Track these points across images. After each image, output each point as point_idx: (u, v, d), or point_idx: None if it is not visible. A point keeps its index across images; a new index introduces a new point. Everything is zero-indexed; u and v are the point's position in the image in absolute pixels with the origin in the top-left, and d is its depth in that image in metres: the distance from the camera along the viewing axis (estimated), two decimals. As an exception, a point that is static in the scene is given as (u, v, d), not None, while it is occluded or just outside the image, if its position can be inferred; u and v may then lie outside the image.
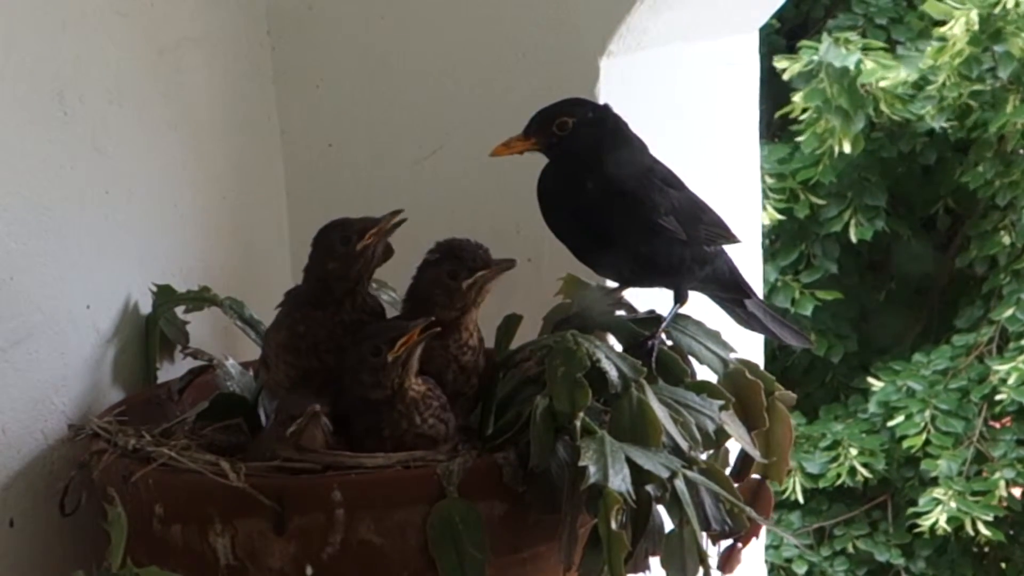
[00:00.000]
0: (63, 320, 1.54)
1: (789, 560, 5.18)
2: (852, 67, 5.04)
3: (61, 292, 1.53)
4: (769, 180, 5.24)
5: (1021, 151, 5.18)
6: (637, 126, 1.77)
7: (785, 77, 5.13)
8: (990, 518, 4.95)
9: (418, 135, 1.80)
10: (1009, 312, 5.15)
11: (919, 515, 5.02)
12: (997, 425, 5.21)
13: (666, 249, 1.56)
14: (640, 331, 1.55)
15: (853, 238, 5.32)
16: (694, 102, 1.92)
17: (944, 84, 5.12)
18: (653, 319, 1.58)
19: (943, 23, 5.05)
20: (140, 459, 1.39)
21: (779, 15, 5.16)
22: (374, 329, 1.43)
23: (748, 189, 2.04)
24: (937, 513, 4.94)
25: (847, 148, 5.10)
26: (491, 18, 1.75)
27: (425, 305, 1.47)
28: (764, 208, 4.93)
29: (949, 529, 4.95)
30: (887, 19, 5.62)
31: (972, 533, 4.95)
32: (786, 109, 5.22)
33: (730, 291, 1.67)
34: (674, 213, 1.56)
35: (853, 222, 5.33)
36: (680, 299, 1.59)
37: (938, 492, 4.99)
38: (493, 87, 1.76)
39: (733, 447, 1.51)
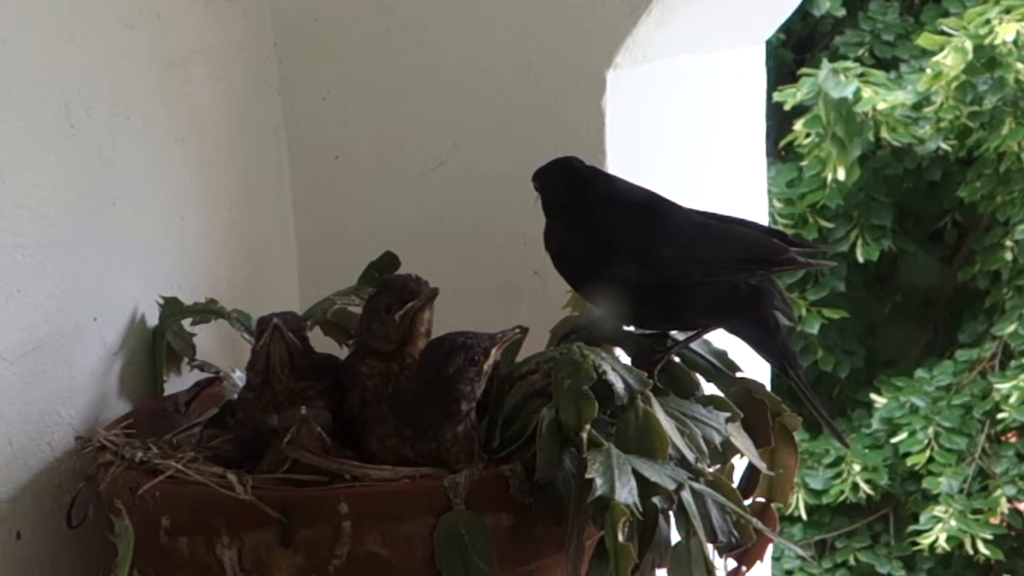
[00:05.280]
0: (70, 332, 1.54)
1: (790, 572, 5.18)
2: (850, 96, 5.07)
3: (68, 304, 1.53)
4: (778, 204, 5.27)
5: (1017, 168, 5.20)
6: (643, 138, 1.77)
7: (787, 108, 5.16)
8: (990, 536, 4.96)
9: (425, 147, 1.80)
10: (1011, 328, 5.16)
11: (919, 533, 5.02)
12: (1002, 439, 5.22)
13: (639, 301, 1.55)
14: (647, 344, 1.56)
15: (860, 258, 5.33)
16: (701, 114, 1.92)
17: (941, 106, 5.15)
18: (661, 335, 1.58)
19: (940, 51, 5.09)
20: (147, 471, 1.39)
21: (786, 28, 5.18)
22: (464, 339, 1.42)
23: (755, 201, 2.04)
24: (937, 531, 4.95)
25: (842, 175, 5.13)
26: (497, 30, 1.75)
27: (368, 339, 1.50)
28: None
29: (949, 548, 4.95)
30: (894, 35, 5.64)
31: (972, 552, 4.95)
32: (789, 138, 5.26)
33: (758, 349, 1.60)
34: (644, 260, 1.54)
35: (859, 242, 5.34)
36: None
37: (939, 510, 4.99)
38: (499, 99, 1.76)
39: (739, 467, 1.51)
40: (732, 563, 1.48)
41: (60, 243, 1.52)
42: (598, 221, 1.55)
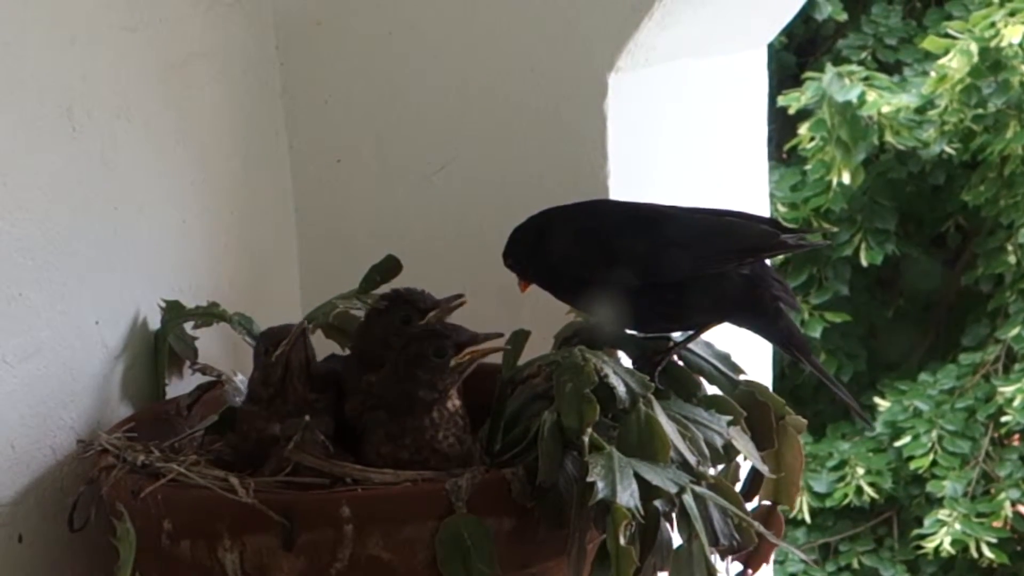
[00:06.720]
0: (72, 336, 1.54)
1: (794, 575, 5.17)
2: (855, 99, 5.07)
3: (70, 308, 1.53)
4: (782, 208, 5.26)
5: (1021, 172, 5.19)
6: (645, 142, 1.77)
7: (791, 112, 5.16)
8: (994, 540, 4.95)
9: (427, 150, 1.80)
10: (1015, 331, 5.15)
11: (923, 536, 5.02)
12: (1006, 442, 5.21)
13: (632, 307, 1.55)
14: (648, 347, 1.55)
15: (863, 262, 5.33)
16: (702, 118, 1.92)
17: (945, 110, 5.15)
18: (663, 337, 1.58)
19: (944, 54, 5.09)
20: (149, 475, 1.39)
21: (788, 32, 5.18)
22: (442, 329, 1.43)
23: (757, 205, 2.04)
24: (942, 535, 4.94)
25: (846, 179, 5.14)
26: (500, 34, 1.76)
27: (381, 353, 1.48)
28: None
29: (953, 551, 4.95)
30: (896, 39, 5.64)
31: (976, 555, 4.95)
32: (793, 142, 5.26)
33: (765, 337, 1.61)
34: (638, 264, 1.54)
35: (863, 246, 5.34)
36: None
37: (942, 513, 4.98)
38: (502, 102, 1.76)
39: (744, 468, 1.51)
40: (735, 567, 1.48)
41: (62, 246, 1.52)
42: (588, 239, 1.56)
